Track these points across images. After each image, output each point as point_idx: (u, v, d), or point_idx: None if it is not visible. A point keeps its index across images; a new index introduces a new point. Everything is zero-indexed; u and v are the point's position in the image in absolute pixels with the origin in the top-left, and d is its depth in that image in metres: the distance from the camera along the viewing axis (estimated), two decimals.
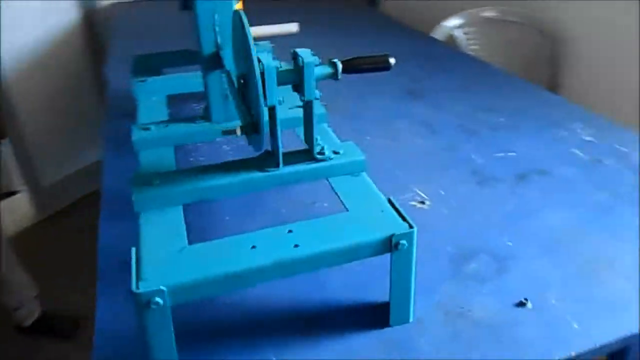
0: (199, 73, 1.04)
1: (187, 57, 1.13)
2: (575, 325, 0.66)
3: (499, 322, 0.66)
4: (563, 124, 1.16)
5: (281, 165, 0.69)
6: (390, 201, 0.66)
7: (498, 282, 0.73)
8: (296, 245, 0.59)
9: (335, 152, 0.72)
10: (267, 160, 0.70)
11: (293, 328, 0.66)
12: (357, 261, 0.61)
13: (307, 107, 0.67)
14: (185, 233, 0.61)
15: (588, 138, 1.10)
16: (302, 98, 0.65)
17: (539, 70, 1.91)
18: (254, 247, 0.58)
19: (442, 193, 0.93)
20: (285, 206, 0.89)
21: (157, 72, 1.09)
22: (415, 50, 1.67)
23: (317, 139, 0.70)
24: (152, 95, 0.98)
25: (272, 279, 0.58)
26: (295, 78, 0.64)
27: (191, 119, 0.84)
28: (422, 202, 0.90)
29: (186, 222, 0.63)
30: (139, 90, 0.98)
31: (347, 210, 0.65)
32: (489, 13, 1.91)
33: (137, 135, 0.79)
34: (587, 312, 0.68)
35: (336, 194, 0.69)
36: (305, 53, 0.64)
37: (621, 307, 0.68)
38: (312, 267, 0.59)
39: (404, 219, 0.63)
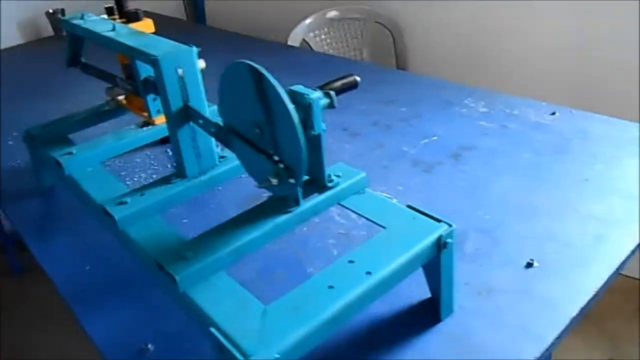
0: (126, 131, 0.97)
1: (92, 118, 1.05)
2: (580, 268, 0.77)
3: (523, 286, 0.75)
4: (456, 102, 1.30)
5: (301, 201, 0.69)
6: (411, 207, 0.70)
7: (500, 252, 0.81)
8: (368, 273, 0.60)
9: (337, 176, 0.74)
10: (285, 199, 0.69)
11: (360, 346, 0.68)
12: None
13: (317, 140, 0.68)
14: (251, 295, 0.59)
15: (483, 109, 1.25)
16: (311, 132, 0.66)
17: (386, 58, 2.08)
18: (331, 287, 0.59)
19: (401, 189, 0.99)
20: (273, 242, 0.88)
21: (65, 140, 0.99)
22: (281, 60, 1.71)
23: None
24: (86, 167, 0.90)
25: (357, 312, 0.59)
26: (301, 115, 0.65)
27: (164, 180, 0.79)
28: None
29: None
30: (69, 164, 0.89)
31: (384, 227, 0.68)
32: (331, 14, 2.02)
33: (118, 213, 0.73)
34: (581, 254, 0.79)
35: (361, 216, 0.71)
36: (304, 90, 0.65)
37: (604, 237, 0.81)
38: (387, 289, 0.61)
39: (437, 219, 0.67)
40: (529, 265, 0.78)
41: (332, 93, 0.69)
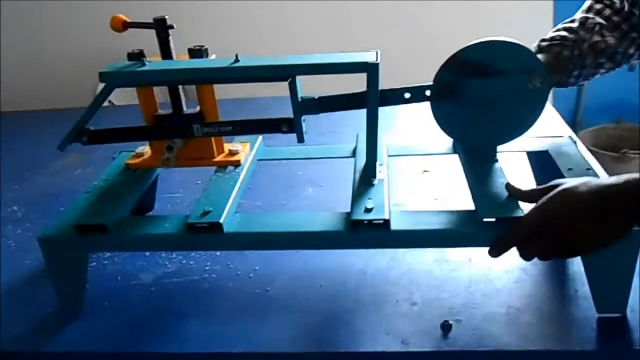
0: (222, 178, 0.88)
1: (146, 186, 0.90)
2: None
3: None
4: None
5: None
6: None
7: None
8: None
9: None
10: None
11: None
12: None
13: None
14: None
15: None
16: None
17: None
18: None
19: None
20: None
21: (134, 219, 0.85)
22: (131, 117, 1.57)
23: None
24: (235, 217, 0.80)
25: None
26: None
27: (363, 182, 0.81)
28: None
29: None
30: (229, 221, 0.78)
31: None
32: None
33: (381, 215, 0.73)
34: None
35: None
36: None
37: None
38: None
39: None
40: None
41: None
